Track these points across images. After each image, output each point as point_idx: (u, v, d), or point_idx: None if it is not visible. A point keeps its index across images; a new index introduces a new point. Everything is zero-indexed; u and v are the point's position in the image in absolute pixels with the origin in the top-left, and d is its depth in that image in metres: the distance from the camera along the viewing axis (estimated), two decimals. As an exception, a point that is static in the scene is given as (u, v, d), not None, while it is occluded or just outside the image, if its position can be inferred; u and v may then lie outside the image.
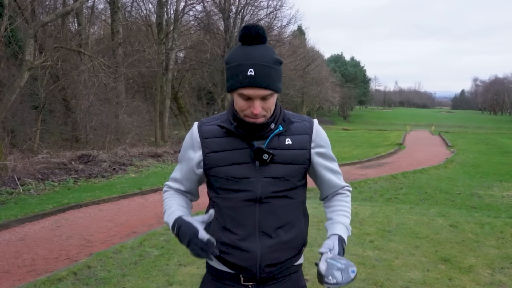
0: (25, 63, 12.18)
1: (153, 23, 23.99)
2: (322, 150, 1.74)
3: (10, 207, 8.25)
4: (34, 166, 11.53)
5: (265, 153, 1.59)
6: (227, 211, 1.65)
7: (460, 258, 5.04)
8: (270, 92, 1.55)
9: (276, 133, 1.64)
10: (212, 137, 1.67)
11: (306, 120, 1.74)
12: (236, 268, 1.66)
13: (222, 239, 1.66)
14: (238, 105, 1.58)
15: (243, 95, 1.54)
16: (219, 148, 1.65)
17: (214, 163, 1.65)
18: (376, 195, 9.67)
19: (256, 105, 1.54)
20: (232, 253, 1.65)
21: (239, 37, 1.57)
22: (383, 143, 25.89)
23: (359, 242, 5.70)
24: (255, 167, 1.62)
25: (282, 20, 45.38)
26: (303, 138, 1.69)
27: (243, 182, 1.62)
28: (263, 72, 1.52)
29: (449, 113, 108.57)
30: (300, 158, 1.67)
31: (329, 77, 54.73)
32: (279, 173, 1.63)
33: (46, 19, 14.47)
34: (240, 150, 1.63)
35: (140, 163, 14.29)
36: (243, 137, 1.63)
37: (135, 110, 21.04)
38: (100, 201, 8.84)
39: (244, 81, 1.52)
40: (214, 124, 1.70)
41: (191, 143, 1.72)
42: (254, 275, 1.64)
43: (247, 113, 1.57)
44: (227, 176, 1.63)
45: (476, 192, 10.12)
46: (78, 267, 4.85)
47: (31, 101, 16.23)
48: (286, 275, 1.72)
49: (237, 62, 1.54)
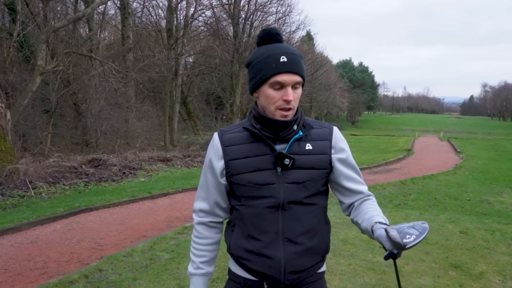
0: (37, 68, 12.33)
1: (163, 28, 24.14)
2: (343, 156, 1.74)
3: (22, 210, 8.34)
4: (46, 169, 11.64)
5: (287, 158, 1.60)
6: (250, 218, 1.67)
7: (471, 265, 5.02)
8: (301, 79, 1.61)
9: (296, 138, 1.66)
10: (234, 144, 1.69)
11: (326, 127, 1.76)
12: (260, 275, 1.67)
13: (246, 247, 1.67)
14: (269, 98, 1.60)
15: (276, 83, 1.57)
16: (241, 155, 1.66)
17: (236, 170, 1.66)
18: (385, 201, 9.65)
19: (289, 92, 1.58)
20: (256, 260, 1.65)
21: (259, 40, 1.66)
22: (391, 148, 25.77)
23: (369, 247, 5.70)
24: (277, 173, 1.63)
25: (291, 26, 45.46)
26: (324, 144, 1.70)
27: (266, 189, 1.63)
28: (294, 59, 1.60)
29: (458, 119, 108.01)
30: (321, 163, 1.68)
31: (338, 83, 54.72)
32: (300, 178, 1.64)
33: (57, 25, 14.64)
34: (262, 157, 1.64)
35: (149, 167, 14.37)
36: (266, 140, 1.64)
37: (144, 114, 21.15)
38: (111, 205, 8.90)
39: (277, 68, 1.56)
40: (235, 132, 1.72)
41: (213, 152, 1.73)
42: (278, 283, 1.65)
43: (279, 104, 1.59)
44: (249, 183, 1.64)
45: (486, 199, 10.05)
46: (89, 270, 4.89)
47: (42, 105, 16.39)
48: (310, 283, 1.72)
49: (266, 54, 1.60)
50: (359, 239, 6.07)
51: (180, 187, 10.87)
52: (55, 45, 17.20)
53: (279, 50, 1.59)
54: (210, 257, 1.82)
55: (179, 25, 23.56)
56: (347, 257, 5.27)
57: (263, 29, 1.68)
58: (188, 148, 20.76)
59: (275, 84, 1.57)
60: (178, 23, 23.59)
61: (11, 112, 11.28)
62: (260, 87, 1.62)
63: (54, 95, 15.87)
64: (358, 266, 4.95)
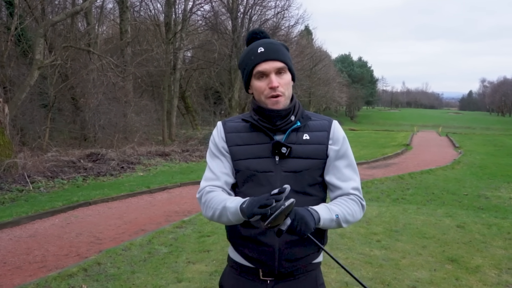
0: (35, 62, 12.31)
1: (161, 22, 24.09)
2: (338, 147, 1.74)
3: (20, 204, 8.36)
4: (44, 164, 11.64)
5: (284, 147, 1.64)
6: None
7: (467, 259, 5.06)
8: (282, 64, 1.66)
9: (294, 128, 1.70)
10: (235, 132, 1.75)
11: (326, 120, 1.79)
12: (256, 262, 1.70)
13: (243, 233, 1.70)
14: (258, 89, 1.67)
15: (259, 74, 1.65)
16: (241, 142, 1.72)
17: (236, 156, 1.71)
18: (383, 196, 9.69)
19: (273, 79, 1.63)
20: (252, 246, 1.69)
21: (247, 41, 1.75)
22: (390, 143, 25.82)
23: (366, 241, 5.73)
24: (275, 162, 1.67)
25: (290, 20, 45.39)
26: (322, 135, 1.73)
27: (263, 176, 1.66)
28: (272, 47, 1.67)
29: (456, 114, 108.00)
30: (318, 153, 1.71)
31: (336, 78, 54.62)
32: (298, 167, 1.67)
33: (55, 19, 14.61)
34: (261, 145, 1.69)
35: (148, 162, 14.38)
36: (265, 130, 1.69)
37: (143, 109, 21.14)
38: (109, 199, 8.92)
39: (256, 58, 1.64)
40: (236, 122, 1.79)
41: (218, 138, 1.77)
42: (273, 270, 1.68)
43: (267, 93, 1.65)
44: (247, 169, 1.68)
45: (483, 193, 10.10)
46: (88, 264, 4.92)
47: (40, 99, 16.36)
48: (304, 272, 1.74)
49: (247, 51, 1.70)
50: (357, 233, 6.11)
51: (178, 182, 10.90)
52: (53, 39, 17.13)
53: (258, 44, 1.68)
54: None
55: (178, 19, 23.50)
56: (344, 251, 5.30)
57: (250, 30, 1.78)
58: (187, 143, 20.75)
59: (258, 74, 1.65)
60: (177, 17, 23.54)
61: (9, 106, 11.27)
62: (249, 82, 1.70)
63: (52, 90, 15.84)
64: (355, 260, 4.98)
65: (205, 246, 5.44)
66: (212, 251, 5.28)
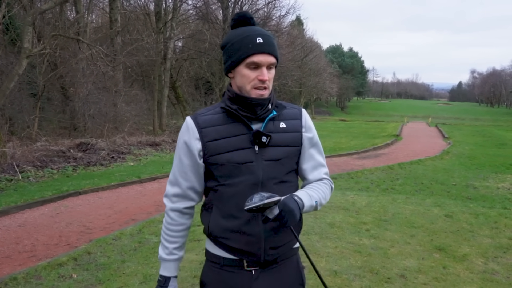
0: (24, 50, 12.15)
1: (151, 11, 23.84)
2: (310, 135, 1.82)
3: (9, 193, 8.30)
4: (33, 153, 11.56)
5: (264, 136, 1.66)
6: (230, 197, 1.69)
7: (455, 247, 5.13)
8: (275, 61, 1.68)
9: (271, 117, 1.72)
10: (210, 126, 1.71)
11: (296, 108, 1.85)
12: (240, 253, 1.70)
13: (226, 226, 1.70)
14: (245, 78, 1.66)
15: (252, 64, 1.64)
16: (219, 136, 1.69)
17: (215, 151, 1.68)
18: (373, 186, 9.76)
19: (264, 72, 1.65)
20: (236, 238, 1.69)
21: (234, 22, 1.73)
22: (380, 134, 25.97)
23: (356, 230, 5.78)
24: (255, 151, 1.68)
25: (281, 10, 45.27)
26: (296, 123, 1.78)
27: (245, 167, 1.67)
28: (270, 41, 1.67)
29: (446, 105, 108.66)
30: (295, 141, 1.76)
31: (327, 68, 54.64)
32: (277, 155, 1.70)
33: (44, 7, 14.40)
34: (239, 136, 1.69)
35: (138, 152, 14.33)
36: (243, 120, 1.68)
37: (133, 99, 21.02)
38: (99, 189, 8.89)
39: (254, 48, 1.63)
40: (210, 114, 1.75)
41: (188, 136, 1.73)
42: (258, 259, 1.70)
43: (255, 83, 1.66)
44: (228, 162, 1.67)
45: (471, 184, 10.21)
46: (78, 253, 4.92)
47: (29, 89, 16.21)
48: (287, 258, 1.79)
49: (242, 36, 1.66)
50: (346, 222, 6.16)
51: (169, 172, 10.85)
52: (41, 27, 16.92)
53: (255, 32, 1.66)
54: (182, 242, 1.86)
55: (168, 8, 23.27)
56: (334, 240, 5.35)
57: (237, 12, 1.78)
58: (177, 133, 20.61)
59: (252, 64, 1.64)
60: (167, 6, 23.30)
61: (-3, 95, 11.15)
62: (236, 67, 1.68)
63: (41, 79, 15.70)
64: (345, 249, 5.03)
65: (195, 236, 5.46)
66: (202, 240, 5.30)
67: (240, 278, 1.72)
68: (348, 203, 7.39)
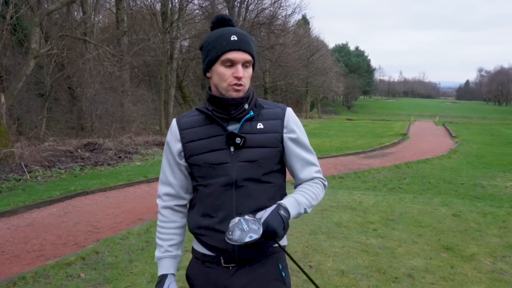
0: (31, 51, 12.25)
1: (157, 12, 23.92)
2: (294, 135, 1.78)
3: (18, 193, 8.36)
4: (41, 153, 11.64)
5: (238, 137, 1.67)
6: (206, 197, 1.73)
7: (462, 247, 5.11)
8: (251, 58, 1.68)
9: (248, 118, 1.72)
10: (190, 127, 1.75)
11: (279, 107, 1.81)
12: (216, 250, 1.73)
13: (202, 224, 1.74)
14: (221, 76, 1.66)
15: (227, 61, 1.64)
16: (196, 137, 1.73)
17: (193, 151, 1.73)
18: (380, 185, 9.73)
19: (239, 69, 1.64)
20: (211, 235, 1.72)
21: (212, 25, 1.74)
22: (387, 133, 25.86)
23: (363, 230, 5.77)
24: (230, 153, 1.69)
25: (287, 9, 45.25)
26: (275, 123, 1.75)
27: (220, 168, 1.69)
28: (244, 39, 1.67)
29: (453, 103, 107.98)
30: (273, 142, 1.73)
31: (334, 67, 54.43)
32: (253, 157, 1.69)
33: (51, 7, 14.49)
34: (215, 138, 1.70)
35: (145, 152, 14.38)
36: (219, 120, 1.70)
37: (140, 98, 21.10)
38: (107, 189, 8.93)
39: (228, 45, 1.63)
40: (191, 116, 1.79)
41: (170, 136, 1.80)
42: (233, 257, 1.71)
43: (230, 81, 1.65)
44: (205, 163, 1.70)
45: (479, 182, 10.16)
46: (86, 253, 4.95)
47: (37, 89, 16.31)
48: (265, 257, 1.76)
49: (217, 35, 1.67)
50: (353, 222, 6.15)
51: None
52: (48, 28, 17.06)
53: (230, 31, 1.67)
54: (178, 241, 1.88)
55: (174, 8, 23.33)
56: (341, 239, 5.34)
57: (216, 15, 1.77)
58: (184, 133, 20.70)
59: (226, 61, 1.64)
60: (173, 6, 23.36)
61: (5, 95, 11.23)
62: (212, 66, 1.68)
63: (48, 79, 15.79)
64: (352, 248, 5.02)
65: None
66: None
67: (219, 274, 1.75)
68: (355, 203, 7.37)
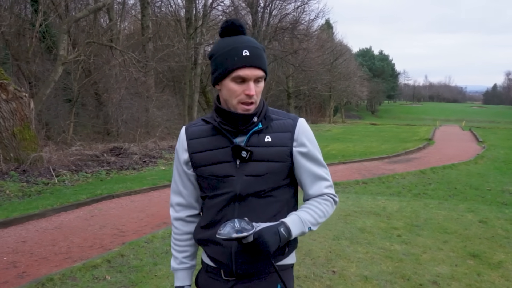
0: (59, 58, 12.54)
1: (182, 18, 24.21)
2: (304, 149, 1.69)
3: (46, 197, 8.55)
4: (68, 158, 11.88)
5: (244, 151, 1.61)
6: (211, 208, 1.70)
7: (490, 254, 5.01)
8: (263, 74, 1.60)
9: (256, 130, 1.65)
10: (197, 137, 1.71)
11: (290, 118, 1.73)
12: (216, 262, 1.71)
13: (202, 235, 1.73)
14: (231, 92, 1.59)
15: (238, 78, 1.56)
16: (203, 148, 1.68)
17: (199, 162, 1.69)
18: (404, 190, 9.62)
19: (251, 86, 1.57)
20: (211, 246, 1.70)
21: (221, 31, 1.64)
22: (412, 138, 25.52)
23: (387, 236, 5.72)
24: (236, 166, 1.64)
25: (310, 14, 45.17)
26: (284, 136, 1.67)
27: (225, 181, 1.64)
28: (257, 53, 1.58)
29: (480, 108, 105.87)
30: (281, 156, 1.66)
31: (357, 72, 54.09)
32: (258, 171, 1.63)
33: (78, 15, 14.84)
34: (222, 149, 1.65)
35: (169, 156, 14.52)
36: (226, 133, 1.65)
37: (164, 104, 21.32)
38: (132, 193, 9.06)
39: (240, 62, 1.55)
40: (199, 125, 1.74)
41: (178, 146, 1.77)
42: (231, 271, 1.67)
43: (241, 98, 1.59)
44: (210, 175, 1.66)
45: (507, 189, 9.94)
46: (111, 255, 5.02)
47: (64, 95, 16.69)
48: (267, 274, 1.70)
49: (229, 47, 1.58)
50: (377, 227, 6.10)
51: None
52: (76, 35, 17.45)
53: (242, 44, 1.57)
54: (192, 251, 1.86)
55: (198, 14, 23.60)
56: (364, 245, 5.30)
57: (226, 19, 1.67)
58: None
59: (237, 78, 1.56)
60: (197, 12, 23.64)
61: (34, 101, 11.51)
62: (222, 80, 1.60)
63: (75, 85, 16.13)
64: (376, 254, 4.98)
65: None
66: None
67: (219, 286, 1.73)
68: (379, 208, 7.31)
